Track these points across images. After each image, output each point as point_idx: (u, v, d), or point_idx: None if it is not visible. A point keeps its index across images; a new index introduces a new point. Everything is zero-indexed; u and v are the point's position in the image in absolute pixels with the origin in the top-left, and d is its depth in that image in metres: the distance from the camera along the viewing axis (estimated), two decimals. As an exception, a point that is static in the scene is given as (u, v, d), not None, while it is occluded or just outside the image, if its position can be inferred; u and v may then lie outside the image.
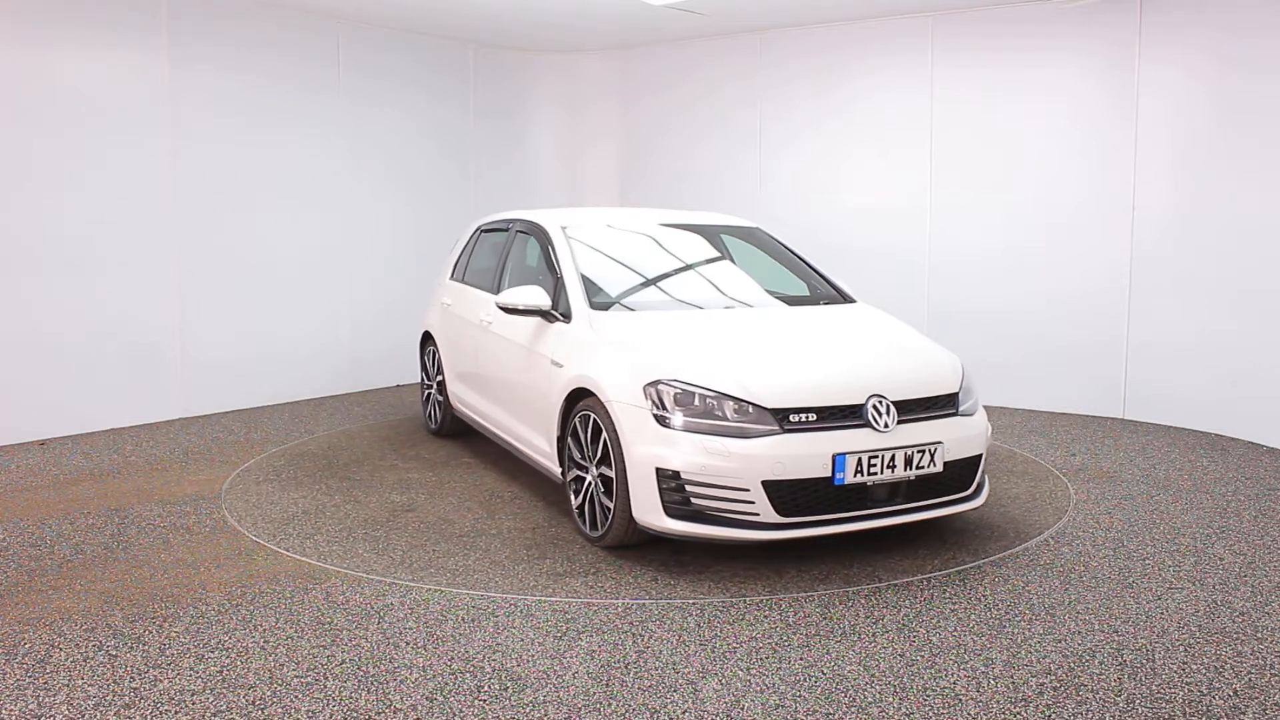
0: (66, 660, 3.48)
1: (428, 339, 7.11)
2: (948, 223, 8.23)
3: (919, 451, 4.31)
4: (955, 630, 3.74)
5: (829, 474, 4.15)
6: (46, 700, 3.20)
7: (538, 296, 5.21)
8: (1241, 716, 3.11)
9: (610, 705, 3.17)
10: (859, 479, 4.21)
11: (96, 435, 6.96)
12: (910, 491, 4.38)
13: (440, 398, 6.87)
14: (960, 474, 4.52)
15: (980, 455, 4.61)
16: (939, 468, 4.37)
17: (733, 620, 3.82)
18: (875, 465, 4.23)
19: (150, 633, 3.70)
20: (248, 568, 4.40)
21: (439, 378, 6.88)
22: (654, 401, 4.30)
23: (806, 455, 4.14)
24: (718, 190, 9.29)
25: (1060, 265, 7.74)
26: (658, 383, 4.33)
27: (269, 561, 4.48)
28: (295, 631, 3.72)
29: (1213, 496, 5.51)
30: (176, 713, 3.12)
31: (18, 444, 6.66)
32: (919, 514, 4.43)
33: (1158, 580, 4.26)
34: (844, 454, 4.17)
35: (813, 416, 4.23)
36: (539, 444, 5.23)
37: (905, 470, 4.29)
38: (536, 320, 5.31)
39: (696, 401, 4.25)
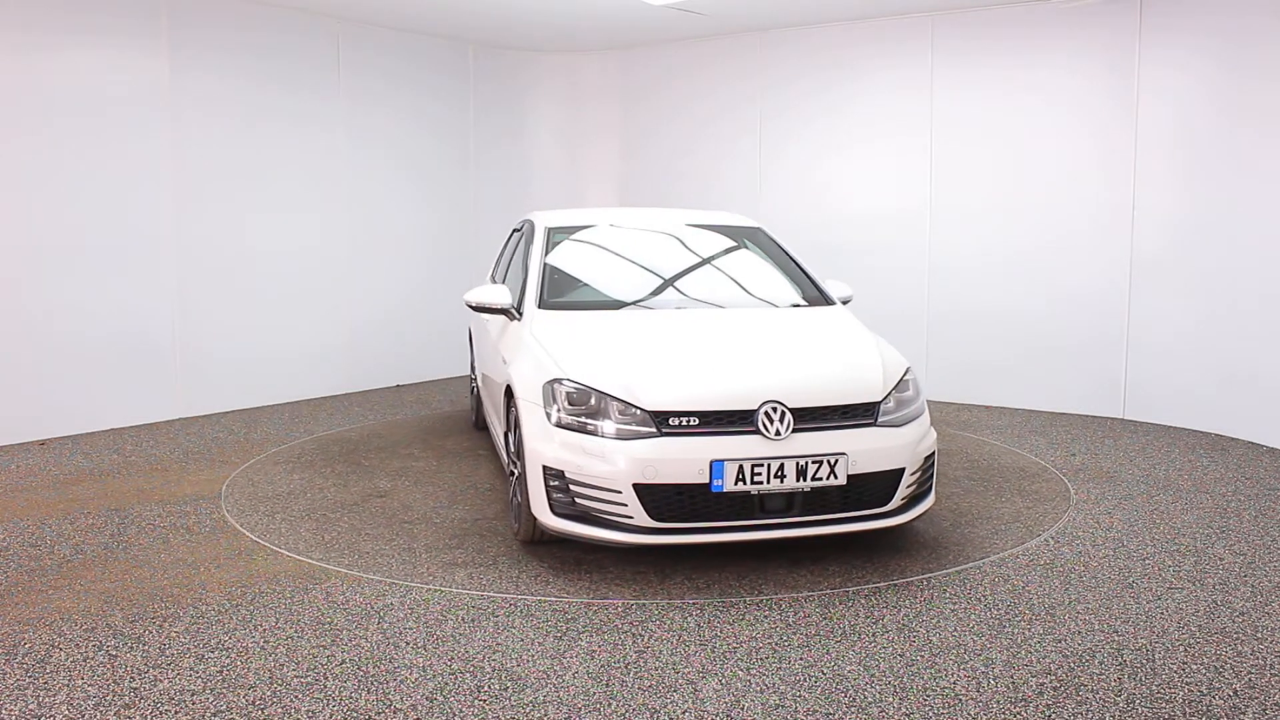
0: (66, 660, 3.48)
1: (470, 336, 7.38)
2: (947, 222, 8.23)
3: (814, 462, 4.09)
4: (955, 630, 3.73)
5: (705, 480, 4.03)
6: (46, 700, 3.20)
7: (497, 295, 5.32)
8: (1241, 716, 3.11)
9: (610, 705, 3.17)
10: (741, 487, 4.04)
11: (96, 435, 6.96)
12: (816, 504, 4.16)
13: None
14: (876, 488, 4.26)
15: (902, 469, 4.30)
16: (841, 480, 4.13)
17: (733, 620, 3.82)
18: (760, 474, 4.05)
19: (150, 633, 3.70)
20: (248, 568, 4.40)
21: (473, 373, 7.13)
22: (550, 400, 4.33)
23: (680, 459, 4.03)
24: (718, 190, 9.29)
25: (1061, 265, 7.74)
26: (554, 382, 4.36)
27: (269, 561, 4.48)
28: (295, 631, 3.72)
29: (1213, 496, 5.51)
30: (176, 713, 3.12)
31: (18, 444, 6.66)
32: (818, 528, 4.21)
33: (1158, 580, 4.26)
34: (722, 460, 4.03)
35: (694, 420, 4.12)
36: (500, 438, 5.36)
37: (798, 481, 4.08)
38: (503, 319, 5.46)
39: (592, 401, 4.24)
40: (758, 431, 4.11)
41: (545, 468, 4.25)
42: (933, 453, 4.54)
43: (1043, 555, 4.57)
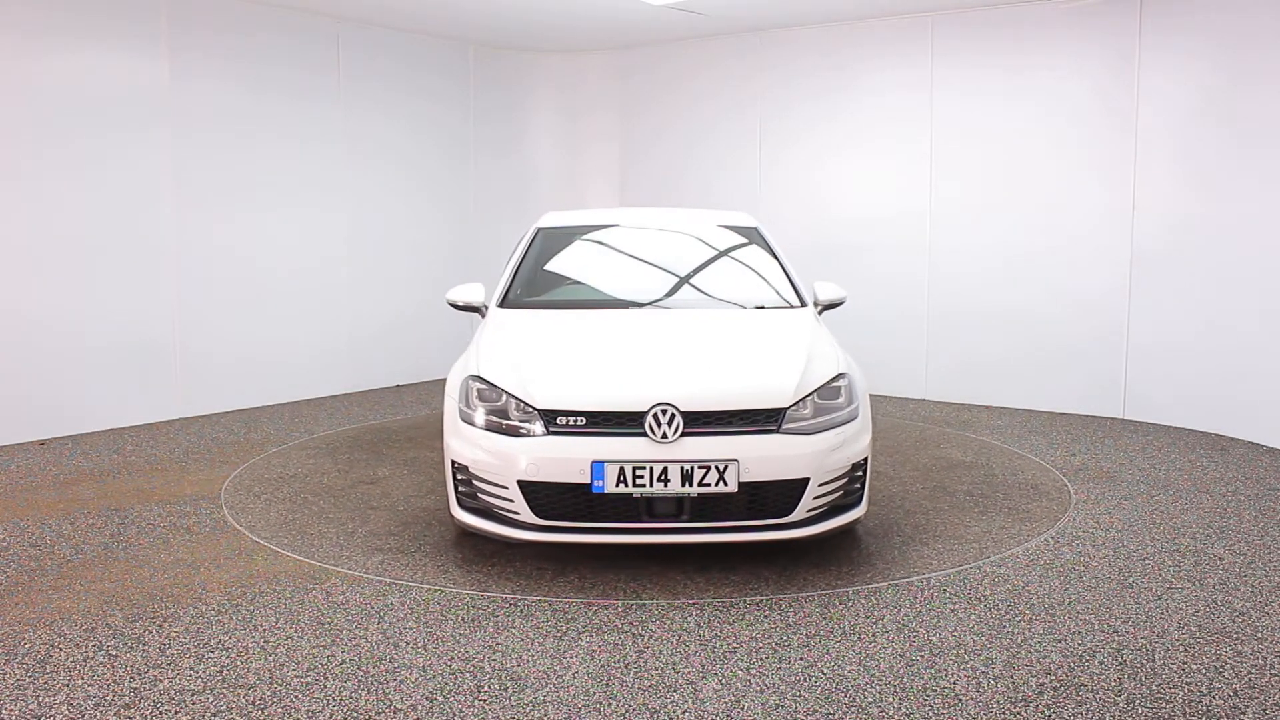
0: (66, 660, 3.48)
1: None
2: (948, 223, 8.23)
3: (701, 468, 4.03)
4: (955, 630, 3.73)
5: (587, 480, 4.04)
6: (46, 700, 3.20)
7: (471, 293, 5.40)
8: (1241, 716, 3.11)
9: (610, 705, 3.17)
10: (622, 489, 4.03)
11: (96, 435, 6.96)
12: (712, 510, 4.09)
13: None
14: (777, 497, 4.14)
15: (806, 479, 4.14)
16: (731, 487, 4.04)
17: (733, 620, 3.82)
18: (643, 477, 4.02)
19: (150, 633, 3.70)
20: (248, 568, 4.40)
21: None
22: (462, 396, 4.42)
23: (562, 459, 4.05)
24: (718, 190, 9.29)
25: (1061, 265, 7.74)
26: (468, 378, 4.46)
27: (269, 561, 4.48)
28: (295, 631, 3.72)
29: (1213, 496, 5.51)
30: (176, 713, 3.12)
31: (18, 444, 6.65)
32: (708, 535, 4.13)
33: (1158, 580, 4.26)
34: (603, 461, 4.02)
35: (581, 420, 4.13)
36: None
37: (683, 486, 4.03)
38: (479, 315, 5.56)
39: (499, 399, 4.31)
40: (646, 434, 4.09)
41: (453, 462, 4.36)
42: (860, 462, 4.36)
43: (1043, 555, 4.57)
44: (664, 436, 4.07)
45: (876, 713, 3.12)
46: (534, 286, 5.46)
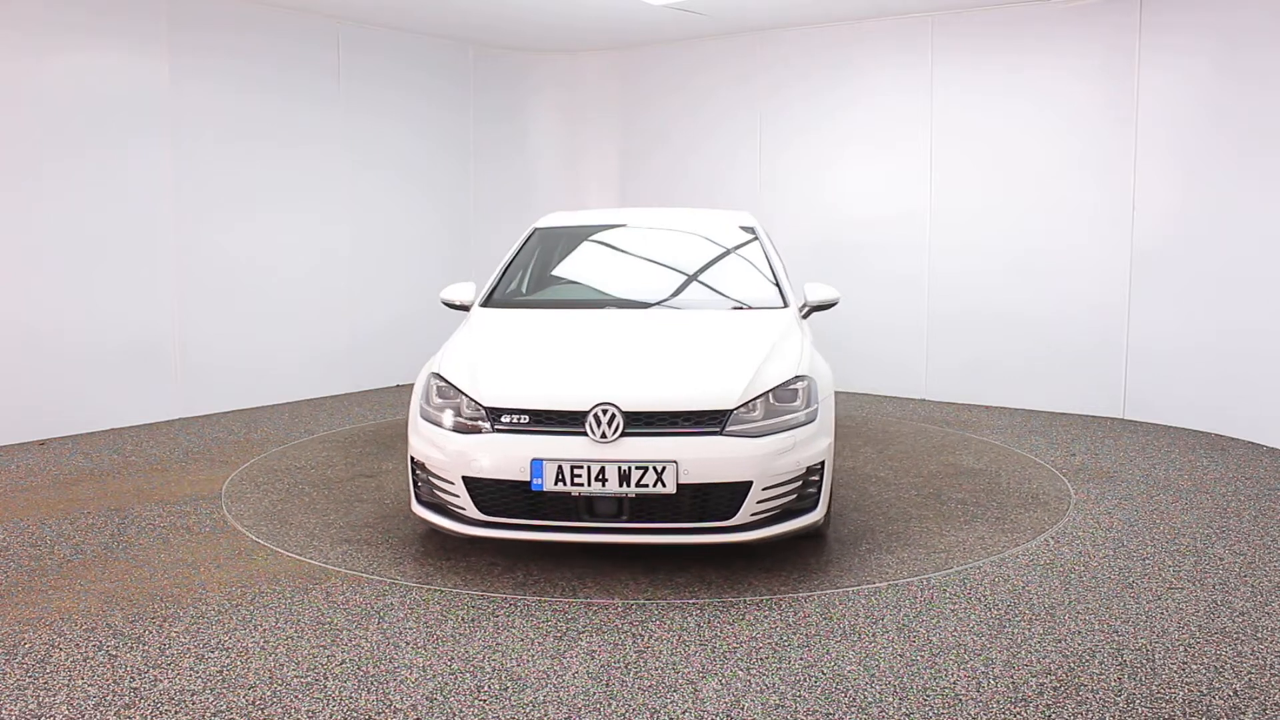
0: (66, 660, 3.48)
1: None
2: (947, 223, 8.23)
3: (639, 468, 4.01)
4: (955, 630, 3.73)
5: (527, 478, 4.07)
6: (46, 700, 3.20)
7: (460, 292, 5.46)
8: (1241, 716, 3.11)
9: (610, 705, 3.17)
10: (561, 488, 4.04)
11: (96, 435, 6.96)
12: (655, 511, 4.06)
13: None
14: (720, 500, 4.09)
15: (749, 482, 4.07)
16: (670, 489, 4.00)
17: (733, 620, 3.82)
18: (580, 476, 4.03)
19: (150, 633, 3.70)
20: (248, 568, 4.40)
21: None
22: (422, 393, 4.51)
23: (503, 456, 4.11)
24: (718, 190, 9.29)
25: (1060, 265, 7.74)
26: (429, 375, 4.55)
27: (269, 561, 4.48)
28: (295, 631, 3.72)
29: (1213, 496, 5.51)
30: (176, 713, 3.12)
31: (18, 444, 6.66)
32: (649, 536, 4.11)
33: (1158, 580, 4.26)
34: (541, 460, 4.04)
35: (524, 418, 4.17)
36: None
37: (621, 486, 4.02)
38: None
39: (453, 396, 4.37)
40: (587, 434, 4.09)
41: (412, 458, 4.44)
42: (816, 466, 4.26)
43: (1043, 555, 4.57)
44: (603, 436, 4.07)
45: (876, 713, 3.12)
46: (517, 287, 5.51)
